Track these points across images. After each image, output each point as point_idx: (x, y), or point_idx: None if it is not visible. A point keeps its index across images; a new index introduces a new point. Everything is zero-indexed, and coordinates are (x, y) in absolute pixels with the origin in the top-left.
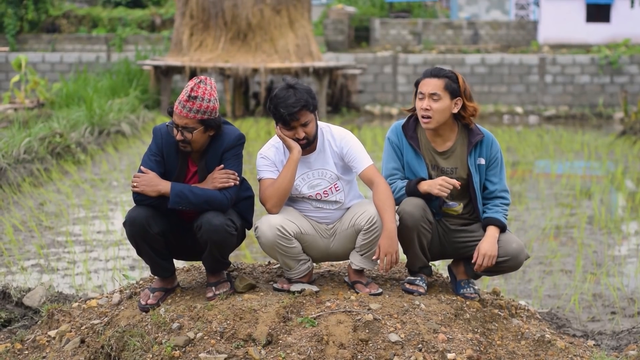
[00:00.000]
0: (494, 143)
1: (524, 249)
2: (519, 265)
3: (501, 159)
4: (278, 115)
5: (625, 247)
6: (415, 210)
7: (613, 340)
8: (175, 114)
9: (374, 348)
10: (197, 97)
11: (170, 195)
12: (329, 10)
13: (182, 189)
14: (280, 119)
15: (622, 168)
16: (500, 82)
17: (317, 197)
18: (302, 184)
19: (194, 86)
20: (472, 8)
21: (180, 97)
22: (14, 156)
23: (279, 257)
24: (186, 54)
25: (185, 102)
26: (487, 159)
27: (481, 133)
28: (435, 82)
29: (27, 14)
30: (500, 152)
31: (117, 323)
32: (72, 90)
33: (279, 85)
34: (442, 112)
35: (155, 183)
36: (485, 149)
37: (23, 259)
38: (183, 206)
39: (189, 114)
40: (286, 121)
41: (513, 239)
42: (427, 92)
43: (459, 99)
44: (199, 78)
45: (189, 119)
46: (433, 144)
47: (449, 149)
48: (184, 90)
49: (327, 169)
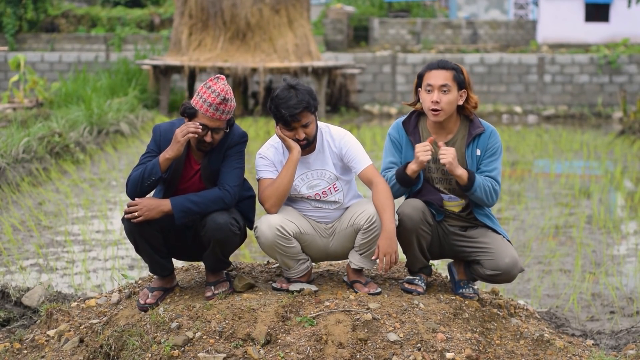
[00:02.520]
0: (492, 135)
1: (518, 263)
2: (511, 279)
3: (499, 151)
4: (279, 115)
5: (624, 247)
6: (414, 212)
7: (612, 339)
8: (206, 116)
9: (373, 347)
10: (228, 99)
11: (174, 212)
12: (328, 9)
13: (183, 202)
14: (281, 119)
15: (621, 167)
16: (499, 82)
17: (316, 197)
18: (301, 184)
19: (223, 88)
20: (471, 7)
21: (209, 99)
22: (13, 156)
23: (278, 256)
24: (185, 53)
25: (219, 105)
26: (484, 150)
27: (482, 126)
28: (444, 73)
29: (26, 14)
30: (500, 146)
31: (116, 322)
32: (71, 89)
33: (280, 86)
34: (451, 104)
35: (155, 205)
36: (483, 141)
37: (22, 259)
38: (189, 218)
39: (222, 115)
40: (287, 122)
41: (506, 253)
42: (436, 85)
43: (464, 90)
44: (219, 78)
45: (221, 121)
46: (435, 137)
47: (449, 141)
48: (210, 91)
49: (326, 169)
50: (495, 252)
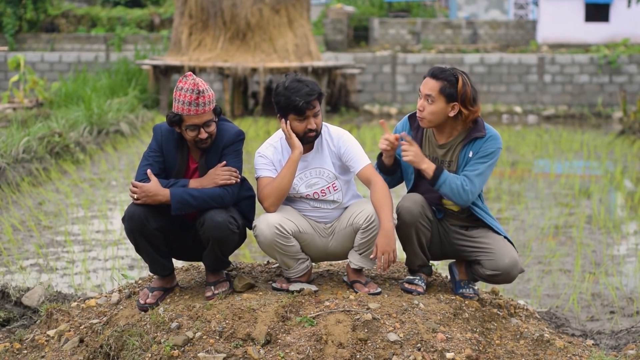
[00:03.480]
0: (489, 140)
1: (518, 264)
2: (511, 279)
3: (490, 156)
4: (292, 105)
5: (624, 247)
6: (413, 206)
7: (612, 339)
8: (190, 116)
9: (373, 347)
10: (202, 90)
11: (172, 202)
12: (328, 9)
13: (182, 194)
14: (294, 109)
15: (621, 167)
16: (499, 82)
17: (314, 197)
18: (299, 183)
19: (193, 82)
20: (471, 7)
21: (186, 99)
22: (13, 156)
23: (277, 256)
24: (185, 53)
25: (197, 100)
26: (475, 152)
27: (484, 130)
28: (432, 83)
29: (26, 14)
30: (494, 152)
31: (116, 322)
32: (71, 89)
33: (285, 80)
34: (434, 114)
35: (154, 193)
36: (477, 144)
37: (22, 259)
38: (186, 211)
39: (205, 108)
40: (301, 110)
41: (506, 254)
42: (422, 92)
43: (455, 103)
44: (186, 76)
45: (206, 113)
46: (436, 137)
47: (447, 142)
48: (183, 92)
49: (325, 167)
50: (495, 252)
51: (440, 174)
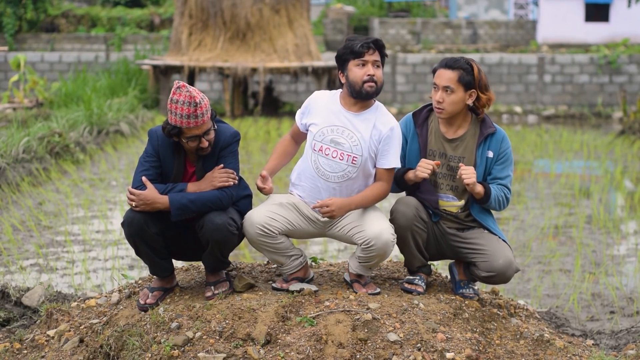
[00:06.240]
0: (504, 139)
1: (512, 264)
2: (507, 280)
3: (510, 158)
4: (350, 48)
5: (624, 247)
6: (407, 209)
7: (612, 339)
8: (190, 129)
9: (373, 347)
10: (199, 101)
11: (171, 209)
12: (328, 9)
13: (181, 200)
14: (352, 51)
15: (621, 167)
16: (499, 82)
17: (326, 153)
18: (328, 133)
19: (188, 94)
20: (471, 7)
21: (183, 112)
22: (13, 156)
23: (266, 254)
24: (185, 53)
25: (194, 112)
26: (496, 153)
27: (493, 127)
28: (449, 74)
29: (26, 14)
30: (511, 152)
31: (116, 322)
32: (71, 89)
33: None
34: (454, 104)
35: (152, 201)
36: (495, 143)
37: (22, 259)
38: (185, 216)
39: (203, 118)
40: (360, 52)
41: (501, 254)
42: (440, 85)
43: (473, 90)
44: (180, 87)
45: (205, 122)
46: (444, 132)
47: (458, 137)
48: (179, 105)
49: (361, 136)
50: (489, 253)
51: (491, 193)
